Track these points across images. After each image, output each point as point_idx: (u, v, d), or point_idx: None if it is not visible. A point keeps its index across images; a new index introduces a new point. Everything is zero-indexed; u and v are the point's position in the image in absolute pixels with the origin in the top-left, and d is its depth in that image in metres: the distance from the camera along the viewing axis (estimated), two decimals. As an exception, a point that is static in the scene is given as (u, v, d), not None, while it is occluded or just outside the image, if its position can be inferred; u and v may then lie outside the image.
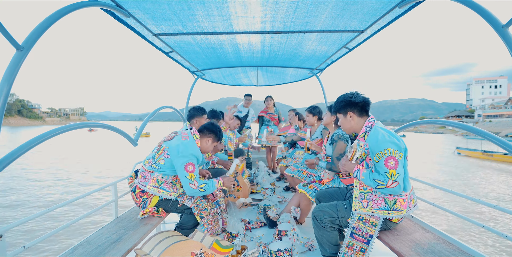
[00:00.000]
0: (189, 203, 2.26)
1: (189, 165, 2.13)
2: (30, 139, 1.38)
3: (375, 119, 1.90)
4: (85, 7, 1.66)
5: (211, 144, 2.43)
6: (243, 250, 2.08)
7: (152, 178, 2.22)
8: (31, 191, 10.19)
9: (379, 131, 1.76)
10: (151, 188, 2.21)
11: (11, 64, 1.31)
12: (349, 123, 1.94)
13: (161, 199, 2.26)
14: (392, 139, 1.70)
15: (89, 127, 1.87)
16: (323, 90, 5.03)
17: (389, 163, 1.67)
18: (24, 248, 1.47)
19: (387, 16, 2.38)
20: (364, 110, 1.91)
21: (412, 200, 1.84)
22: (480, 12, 1.44)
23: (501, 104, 69.76)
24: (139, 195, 2.25)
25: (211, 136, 2.42)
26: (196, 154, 2.21)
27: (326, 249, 2.02)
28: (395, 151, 1.68)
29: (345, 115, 1.96)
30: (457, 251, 1.64)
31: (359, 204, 1.87)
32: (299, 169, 3.31)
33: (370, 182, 1.73)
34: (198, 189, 2.15)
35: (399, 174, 1.67)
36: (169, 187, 2.25)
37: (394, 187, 1.66)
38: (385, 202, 1.78)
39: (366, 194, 1.85)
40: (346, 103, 1.93)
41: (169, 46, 3.25)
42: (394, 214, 1.77)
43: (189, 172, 2.12)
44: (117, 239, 1.81)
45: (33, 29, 1.41)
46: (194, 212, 2.24)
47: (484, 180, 13.63)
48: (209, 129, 2.43)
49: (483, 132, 1.69)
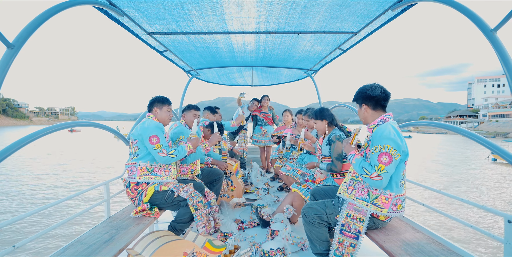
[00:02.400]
0: (184, 194, 2.30)
1: (153, 137, 2.25)
2: (18, 138, 1.36)
3: (392, 117, 1.90)
4: (78, 5, 1.65)
5: (162, 111, 2.49)
6: (236, 249, 2.09)
7: (139, 168, 2.31)
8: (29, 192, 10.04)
9: (388, 127, 1.78)
10: (142, 178, 2.29)
11: (1, 63, 1.30)
12: (363, 115, 1.98)
13: (156, 190, 2.30)
14: (395, 138, 1.73)
15: (70, 128, 1.85)
16: (317, 91, 5.06)
17: (382, 158, 1.72)
18: (14, 247, 1.45)
19: (380, 18, 2.41)
20: (379, 104, 1.91)
21: (399, 204, 1.85)
22: (469, 15, 1.46)
23: (506, 104, 66.30)
24: (133, 188, 2.31)
25: (156, 105, 2.49)
26: (157, 124, 2.33)
27: (316, 245, 2.05)
28: (393, 149, 1.71)
29: (360, 106, 1.98)
30: (446, 250, 1.67)
31: (344, 189, 1.96)
32: (294, 168, 3.33)
33: (358, 168, 1.82)
34: (168, 155, 2.27)
35: (387, 171, 1.71)
36: (160, 171, 2.35)
37: (376, 180, 1.72)
38: (367, 194, 1.84)
39: (355, 182, 1.92)
40: (362, 95, 1.94)
41: (163, 45, 3.24)
42: (373, 208, 1.81)
43: (155, 143, 2.25)
44: (109, 239, 1.80)
45: (24, 27, 1.39)
46: (189, 203, 2.28)
47: None
48: (150, 103, 2.51)
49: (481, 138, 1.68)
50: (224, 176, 3.44)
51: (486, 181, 13.51)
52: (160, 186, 2.32)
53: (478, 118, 74.46)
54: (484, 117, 72.26)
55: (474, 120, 71.36)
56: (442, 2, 1.59)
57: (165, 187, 2.33)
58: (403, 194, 1.88)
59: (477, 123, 67.26)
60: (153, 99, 2.54)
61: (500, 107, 68.08)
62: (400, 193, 1.84)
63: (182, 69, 4.65)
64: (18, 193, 9.83)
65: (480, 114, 75.87)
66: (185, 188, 2.37)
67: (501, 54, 1.33)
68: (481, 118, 73.67)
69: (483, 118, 72.29)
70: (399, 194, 1.83)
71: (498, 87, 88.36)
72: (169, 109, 2.56)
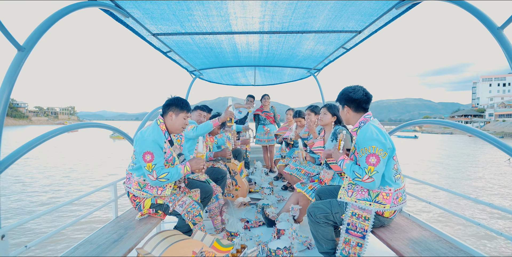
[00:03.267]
0: (180, 209, 2.12)
1: (147, 154, 1.95)
2: (34, 138, 1.38)
3: (371, 116, 1.96)
4: (85, 7, 1.67)
5: (177, 118, 2.17)
6: (243, 249, 2.10)
7: (133, 181, 2.12)
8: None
9: (370, 128, 1.83)
10: (135, 191, 2.13)
11: (12, 65, 1.32)
12: (345, 116, 2.06)
13: (153, 203, 2.16)
14: (379, 138, 1.77)
15: (72, 129, 1.87)
16: (321, 90, 5.07)
17: (370, 160, 1.76)
18: (26, 248, 1.47)
19: (384, 17, 2.41)
20: (361, 107, 1.97)
21: (400, 197, 1.88)
22: (476, 14, 1.47)
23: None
24: (132, 199, 2.20)
25: (172, 109, 2.16)
26: (155, 138, 2.00)
27: (322, 244, 2.06)
28: (379, 149, 1.75)
29: (342, 107, 2.05)
30: (454, 249, 1.67)
31: (344, 193, 1.97)
32: (298, 167, 3.33)
33: (350, 173, 1.87)
34: (158, 180, 1.98)
35: (377, 171, 1.75)
36: (152, 190, 2.12)
37: (369, 182, 1.76)
38: (368, 193, 1.86)
39: (354, 185, 1.95)
40: (344, 97, 2.01)
41: (167, 46, 3.26)
42: (376, 206, 1.83)
43: (147, 162, 1.96)
44: (118, 239, 1.82)
45: (34, 30, 1.41)
46: (185, 219, 2.11)
47: None
48: (167, 105, 2.18)
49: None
50: (228, 174, 3.45)
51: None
52: (156, 199, 2.16)
53: (484, 118, 73.01)
54: (490, 117, 70.99)
55: (480, 120, 69.85)
56: (447, 1, 1.60)
57: (160, 200, 2.16)
58: (402, 187, 1.91)
59: (483, 123, 65.94)
60: (171, 101, 2.18)
61: (506, 106, 66.96)
62: (399, 186, 1.87)
63: (185, 70, 4.67)
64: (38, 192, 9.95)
65: (486, 114, 74.49)
66: (180, 200, 2.16)
67: (508, 52, 1.34)
68: (487, 118, 72.39)
69: (489, 118, 71.01)
70: (398, 187, 1.86)
71: (504, 87, 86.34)
72: (187, 117, 2.21)
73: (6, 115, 1.35)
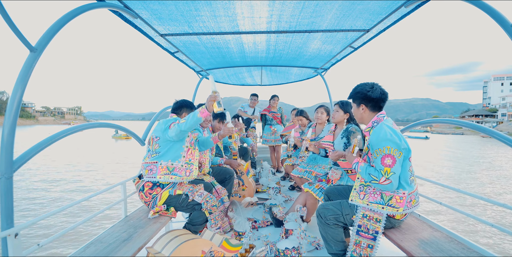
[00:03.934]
0: (199, 198, 2.28)
1: (173, 124, 2.20)
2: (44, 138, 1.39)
3: (385, 115, 1.90)
4: (95, 8, 1.69)
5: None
6: (251, 248, 2.10)
7: (160, 167, 2.25)
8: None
9: (383, 128, 1.78)
10: (162, 177, 2.24)
11: (25, 66, 1.34)
12: (360, 115, 1.98)
13: (171, 194, 2.25)
14: (393, 138, 1.72)
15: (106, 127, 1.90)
16: (328, 89, 5.04)
17: (385, 161, 1.71)
18: (38, 246, 1.49)
19: (393, 15, 2.38)
20: (377, 106, 1.92)
21: (413, 200, 1.84)
22: (489, 11, 1.45)
23: (526, 103, 62.87)
24: (148, 192, 2.26)
25: (184, 110, 2.49)
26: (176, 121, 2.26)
27: (332, 246, 2.03)
28: (394, 149, 1.71)
29: (358, 106, 1.98)
30: (466, 249, 1.64)
31: (356, 195, 1.93)
32: (307, 170, 3.30)
33: (366, 176, 1.81)
34: (179, 123, 2.17)
35: (394, 172, 1.70)
36: (181, 171, 2.28)
37: (386, 184, 1.71)
38: (381, 196, 1.82)
39: (366, 187, 1.90)
40: (361, 96, 1.93)
41: (175, 46, 3.28)
42: (389, 209, 1.79)
43: (172, 126, 2.20)
44: (127, 238, 1.83)
45: (45, 31, 1.43)
46: (203, 207, 2.27)
47: None
48: (178, 107, 2.49)
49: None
50: (235, 175, 3.45)
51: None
52: (175, 190, 2.27)
53: (497, 118, 70.49)
54: (503, 117, 68.63)
55: (492, 120, 67.13)
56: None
57: (179, 191, 2.28)
58: (415, 190, 1.86)
59: (496, 123, 63.62)
60: (181, 103, 2.48)
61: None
62: (412, 189, 1.83)
63: (192, 70, 4.69)
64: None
65: (499, 113, 72.02)
66: (199, 191, 2.34)
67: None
68: (499, 118, 69.87)
69: (502, 118, 68.68)
70: (411, 191, 1.81)
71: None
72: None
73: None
